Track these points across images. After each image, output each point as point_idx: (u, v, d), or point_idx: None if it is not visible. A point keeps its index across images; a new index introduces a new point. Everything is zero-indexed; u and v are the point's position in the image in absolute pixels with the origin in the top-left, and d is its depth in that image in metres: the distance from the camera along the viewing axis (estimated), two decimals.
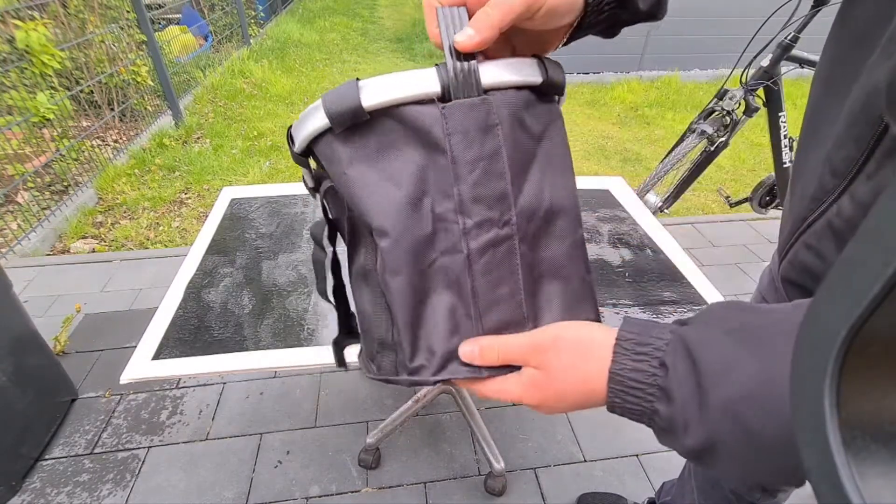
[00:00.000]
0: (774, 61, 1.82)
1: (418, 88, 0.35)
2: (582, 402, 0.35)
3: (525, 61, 0.38)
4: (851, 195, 0.43)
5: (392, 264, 0.36)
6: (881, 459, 0.15)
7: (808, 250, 0.50)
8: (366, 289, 0.41)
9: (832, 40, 0.48)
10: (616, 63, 4.77)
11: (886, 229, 0.14)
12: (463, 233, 0.36)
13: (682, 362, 0.30)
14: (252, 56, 5.04)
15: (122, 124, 3.27)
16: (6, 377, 1.25)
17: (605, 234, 1.18)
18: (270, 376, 1.62)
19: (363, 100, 0.34)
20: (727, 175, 3.18)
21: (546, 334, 0.37)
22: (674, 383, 0.30)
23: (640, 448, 1.42)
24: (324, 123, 0.36)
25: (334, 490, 1.31)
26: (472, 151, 0.35)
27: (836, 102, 0.45)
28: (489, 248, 0.37)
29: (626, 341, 0.33)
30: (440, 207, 0.36)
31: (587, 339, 0.35)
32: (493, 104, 0.36)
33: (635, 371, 0.32)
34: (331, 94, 0.35)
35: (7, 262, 2.11)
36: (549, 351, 0.35)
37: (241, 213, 1.24)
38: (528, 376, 0.37)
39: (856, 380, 0.16)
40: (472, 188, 0.36)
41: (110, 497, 1.29)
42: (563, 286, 0.39)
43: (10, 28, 2.48)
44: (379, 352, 0.40)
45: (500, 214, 0.37)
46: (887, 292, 0.14)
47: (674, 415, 0.30)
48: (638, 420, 0.33)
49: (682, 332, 0.32)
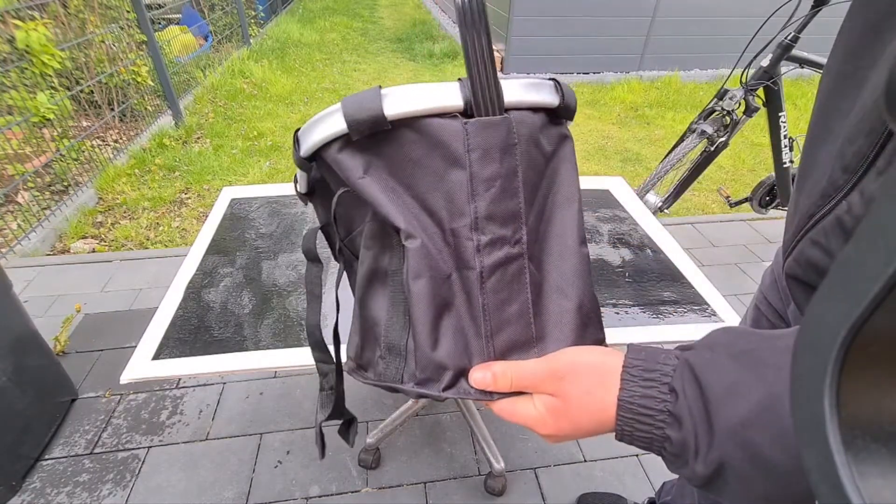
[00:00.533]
0: (774, 61, 1.82)
1: (442, 101, 0.34)
2: (595, 429, 0.35)
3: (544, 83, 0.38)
4: (861, 191, 0.43)
5: (416, 268, 0.36)
6: (881, 459, 0.15)
7: (815, 247, 0.49)
8: (383, 292, 0.40)
9: (844, 33, 0.47)
10: (616, 63, 4.77)
11: (886, 229, 0.14)
12: (476, 249, 0.36)
13: (690, 386, 0.30)
14: (252, 56, 5.04)
15: (122, 124, 3.27)
16: (6, 377, 1.25)
17: (605, 234, 1.18)
18: (270, 376, 1.62)
19: (386, 108, 0.34)
20: (727, 175, 3.18)
21: (561, 361, 0.36)
22: (683, 409, 0.30)
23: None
24: (341, 129, 0.35)
25: (334, 490, 1.31)
26: (491, 169, 0.35)
27: (849, 96, 0.45)
28: (500, 267, 0.37)
29: (634, 367, 0.33)
30: (455, 223, 0.36)
31: (601, 365, 0.34)
32: (512, 123, 0.36)
33: (645, 398, 0.31)
34: (351, 100, 0.34)
35: (7, 262, 2.11)
36: (565, 378, 0.35)
37: (241, 213, 1.24)
38: (543, 403, 0.36)
39: (856, 380, 0.16)
40: (489, 206, 0.36)
41: (110, 497, 1.29)
42: (569, 306, 0.39)
43: (11, 28, 2.48)
44: (384, 357, 0.40)
45: (512, 233, 0.37)
46: (887, 292, 0.14)
47: (685, 440, 0.30)
48: (647, 448, 0.33)
49: (687, 357, 0.31)
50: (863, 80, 0.43)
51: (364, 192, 0.36)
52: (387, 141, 0.35)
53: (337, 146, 0.36)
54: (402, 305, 0.38)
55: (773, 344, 0.29)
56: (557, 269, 0.39)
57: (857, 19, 0.46)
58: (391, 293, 0.39)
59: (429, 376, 0.37)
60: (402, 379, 0.38)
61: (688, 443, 0.30)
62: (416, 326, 0.36)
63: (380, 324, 0.40)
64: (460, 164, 0.35)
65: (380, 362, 0.40)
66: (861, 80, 0.43)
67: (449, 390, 0.37)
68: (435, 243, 0.36)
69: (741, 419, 0.28)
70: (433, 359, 0.36)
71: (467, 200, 0.36)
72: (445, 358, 0.36)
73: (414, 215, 0.36)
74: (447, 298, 0.37)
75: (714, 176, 3.11)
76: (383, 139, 0.35)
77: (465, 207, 0.36)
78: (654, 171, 2.06)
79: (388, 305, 0.39)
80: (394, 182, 0.36)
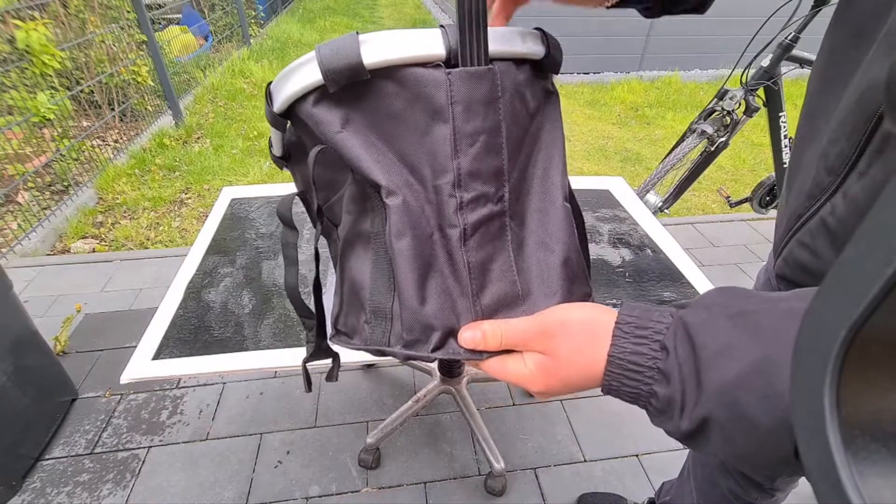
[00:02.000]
0: (775, 61, 1.82)
1: (423, 49, 0.32)
2: (584, 385, 0.35)
3: (529, 32, 0.37)
4: (844, 193, 0.43)
5: (397, 226, 0.34)
6: (881, 459, 0.15)
7: (803, 248, 0.50)
8: (365, 255, 0.38)
9: (830, 36, 0.48)
10: (616, 63, 4.78)
11: (886, 229, 0.14)
12: (458, 207, 0.35)
13: (683, 345, 0.30)
14: (252, 56, 5.04)
15: (122, 124, 3.27)
16: (6, 377, 1.25)
17: (605, 234, 1.18)
18: (270, 376, 1.62)
19: (364, 56, 0.31)
20: (727, 175, 3.18)
21: (552, 318, 0.35)
22: (673, 366, 0.30)
23: (640, 448, 1.42)
24: (316, 80, 0.33)
25: (334, 490, 1.31)
26: (474, 124, 0.34)
27: (832, 99, 0.45)
28: (482, 225, 0.36)
29: (626, 325, 0.32)
30: (438, 180, 0.35)
31: (593, 322, 0.34)
32: (497, 75, 0.34)
33: (635, 354, 0.31)
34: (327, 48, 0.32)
35: (7, 262, 2.11)
36: (556, 336, 0.34)
37: (242, 213, 1.24)
38: (534, 362, 0.35)
39: (856, 380, 0.16)
40: (472, 162, 0.34)
41: (110, 497, 1.29)
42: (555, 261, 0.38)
43: (11, 28, 2.48)
44: (369, 322, 0.38)
45: (494, 190, 0.35)
46: (887, 292, 0.14)
47: (672, 396, 0.30)
48: (632, 402, 0.33)
49: (682, 315, 0.31)
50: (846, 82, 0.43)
51: (342, 147, 0.34)
52: (366, 93, 0.33)
53: (312, 99, 0.34)
54: (386, 267, 0.36)
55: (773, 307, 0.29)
56: (541, 226, 0.38)
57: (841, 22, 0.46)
58: (374, 256, 0.38)
59: (417, 337, 0.36)
60: (389, 342, 0.37)
61: (674, 399, 0.30)
62: (402, 287, 0.35)
63: (364, 288, 0.38)
64: (443, 118, 0.33)
65: (365, 327, 0.38)
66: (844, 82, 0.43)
67: (438, 351, 0.36)
68: (417, 200, 0.35)
69: (731, 380, 0.28)
70: (420, 319, 0.35)
71: (450, 156, 0.34)
72: (433, 318, 0.35)
73: (395, 171, 0.34)
74: (431, 258, 0.35)
75: (714, 176, 3.11)
76: (363, 91, 0.33)
77: (447, 163, 0.34)
78: (654, 171, 2.06)
79: (371, 269, 0.38)
80: (374, 137, 0.34)
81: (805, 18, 1.67)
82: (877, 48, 0.38)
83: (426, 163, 0.34)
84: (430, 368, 1.50)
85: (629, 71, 4.82)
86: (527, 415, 1.51)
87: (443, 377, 1.43)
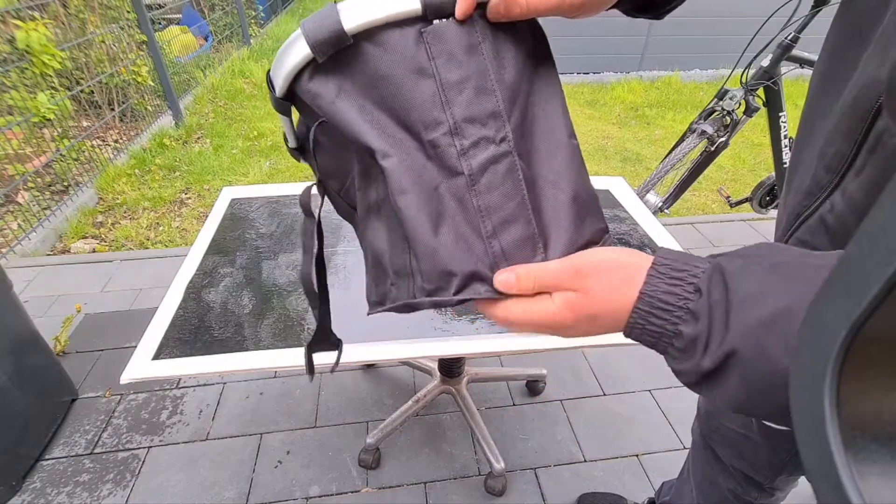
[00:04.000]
0: (774, 61, 1.82)
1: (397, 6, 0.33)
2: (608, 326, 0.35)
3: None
4: (843, 191, 0.43)
5: (398, 183, 0.35)
6: (881, 459, 0.15)
7: (803, 245, 0.50)
8: (380, 223, 0.40)
9: (832, 34, 0.48)
10: (616, 63, 4.77)
11: (887, 229, 0.14)
12: (460, 154, 0.36)
13: (717, 288, 0.30)
14: (252, 56, 5.04)
15: (122, 124, 3.27)
16: (6, 377, 1.25)
17: None
18: (270, 376, 1.62)
19: (344, 22, 0.33)
20: (727, 175, 3.18)
21: (587, 259, 0.36)
22: (703, 307, 0.30)
23: (640, 448, 1.42)
24: (306, 54, 0.35)
25: (334, 490, 1.31)
26: (459, 72, 0.35)
27: (831, 97, 0.46)
28: (489, 166, 0.36)
29: (663, 266, 0.33)
30: (433, 134, 0.35)
31: (628, 264, 0.34)
32: (475, 21, 0.35)
33: (668, 294, 0.32)
34: (310, 21, 0.34)
35: (7, 262, 2.11)
36: (591, 276, 0.34)
37: (242, 214, 1.24)
38: (562, 298, 0.35)
39: (856, 380, 0.16)
40: (465, 109, 0.35)
41: (110, 497, 1.29)
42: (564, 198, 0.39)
43: (11, 28, 2.48)
44: (394, 283, 0.39)
45: (495, 132, 0.36)
46: (887, 292, 0.14)
47: (697, 335, 0.30)
48: (652, 343, 0.33)
49: (720, 261, 0.32)
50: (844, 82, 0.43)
51: (338, 116, 0.36)
52: (354, 59, 0.35)
53: (307, 75, 0.36)
54: (399, 228, 0.37)
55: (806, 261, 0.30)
56: (548, 165, 0.39)
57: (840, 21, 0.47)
58: (386, 221, 0.39)
59: (437, 285, 0.36)
60: (415, 295, 0.38)
61: (699, 337, 0.30)
62: (414, 241, 0.36)
63: (385, 254, 0.40)
64: (427, 73, 0.34)
65: (392, 289, 0.39)
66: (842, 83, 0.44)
67: (460, 293, 0.36)
68: (415, 158, 0.36)
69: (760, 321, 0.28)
70: (437, 267, 0.36)
71: (441, 109, 0.35)
72: (450, 264, 0.36)
73: (389, 133, 0.35)
74: (440, 209, 0.36)
75: (714, 176, 3.11)
76: (352, 58, 0.35)
77: (441, 115, 0.35)
78: (654, 171, 2.06)
79: (386, 234, 0.39)
80: (367, 102, 0.36)
81: (805, 18, 1.67)
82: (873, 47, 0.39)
83: (419, 120, 0.35)
84: (430, 368, 1.50)
85: (629, 71, 4.82)
86: (527, 415, 1.51)
87: (443, 377, 1.43)
